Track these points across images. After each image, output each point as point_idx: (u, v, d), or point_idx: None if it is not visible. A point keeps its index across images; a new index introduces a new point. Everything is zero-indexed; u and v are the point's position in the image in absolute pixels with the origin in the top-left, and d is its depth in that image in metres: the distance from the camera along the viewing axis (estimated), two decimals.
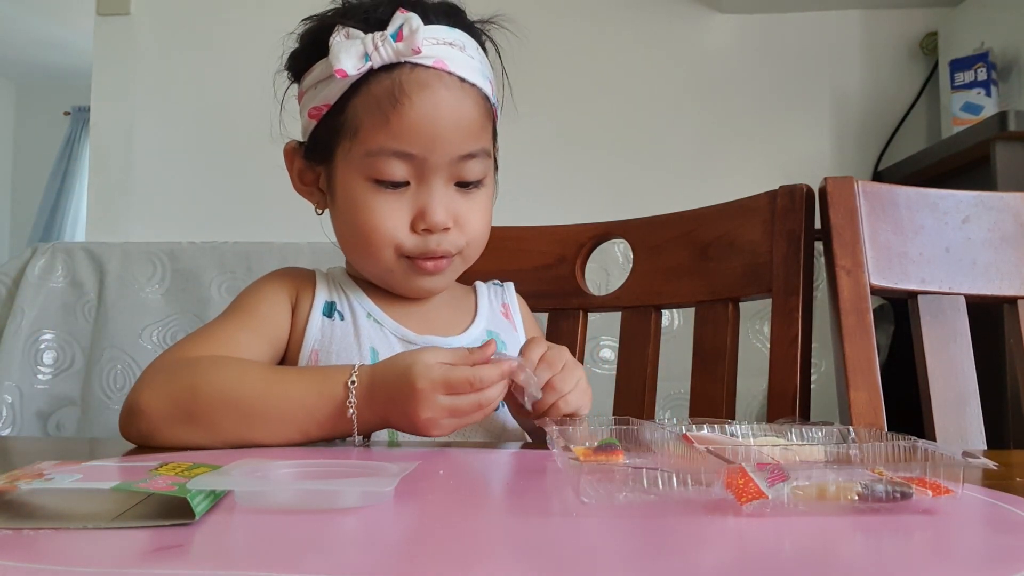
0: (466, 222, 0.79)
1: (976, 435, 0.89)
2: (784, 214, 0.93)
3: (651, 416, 1.03)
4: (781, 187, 0.95)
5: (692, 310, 1.00)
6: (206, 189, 2.25)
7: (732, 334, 0.95)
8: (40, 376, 1.80)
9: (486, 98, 0.79)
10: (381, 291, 0.85)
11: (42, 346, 1.81)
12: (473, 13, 0.82)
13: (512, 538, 0.39)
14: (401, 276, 0.80)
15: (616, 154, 2.17)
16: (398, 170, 0.75)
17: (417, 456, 0.60)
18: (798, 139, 2.16)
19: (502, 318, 0.91)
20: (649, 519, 0.41)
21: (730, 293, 0.96)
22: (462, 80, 0.76)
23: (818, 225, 0.94)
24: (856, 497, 0.43)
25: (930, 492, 0.43)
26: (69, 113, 5.26)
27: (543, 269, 0.90)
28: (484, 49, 0.81)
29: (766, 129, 2.16)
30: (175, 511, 0.40)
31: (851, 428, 0.55)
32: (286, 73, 0.84)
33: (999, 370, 1.04)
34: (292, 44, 0.82)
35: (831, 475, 0.44)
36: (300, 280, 0.86)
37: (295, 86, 0.85)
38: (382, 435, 0.77)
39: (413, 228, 0.77)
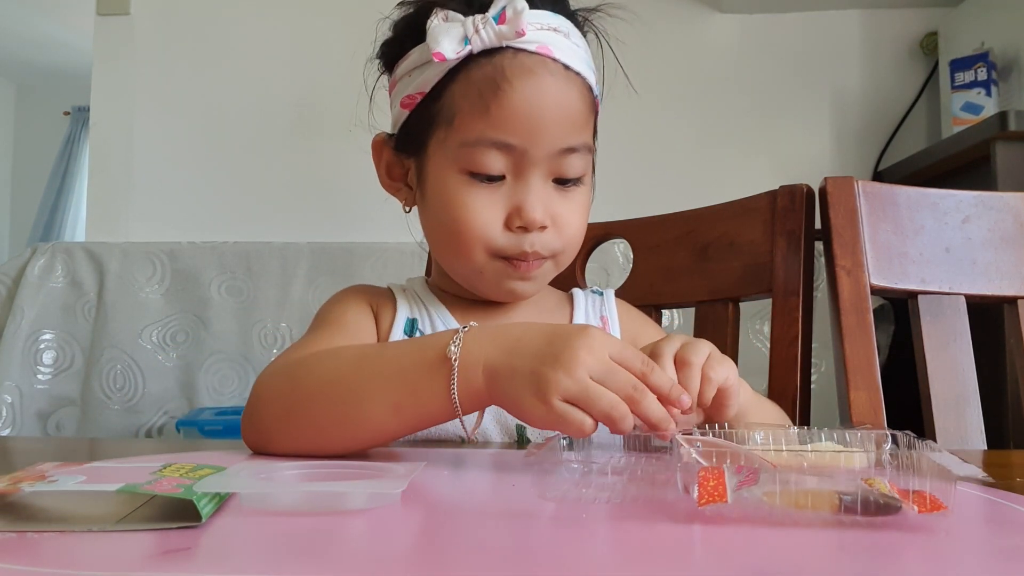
0: (564, 223, 0.73)
1: (976, 435, 0.89)
2: (784, 214, 0.93)
3: None
4: (781, 187, 0.95)
5: (692, 310, 1.00)
6: (206, 189, 2.25)
7: (732, 334, 0.95)
8: (40, 376, 1.80)
9: (590, 90, 0.74)
10: (464, 304, 0.80)
11: (42, 346, 1.81)
12: (575, 2, 0.78)
13: (519, 541, 0.39)
14: (491, 278, 0.74)
15: (616, 154, 2.17)
16: (495, 162, 0.70)
17: (424, 457, 0.60)
18: (798, 139, 2.16)
19: None
20: (610, 523, 0.41)
21: (730, 293, 0.96)
22: (567, 68, 0.71)
23: (818, 225, 0.94)
24: (830, 508, 0.39)
25: (916, 507, 0.39)
26: (69, 113, 5.25)
27: None
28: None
29: (766, 129, 2.16)
30: (180, 513, 0.40)
31: (892, 434, 0.50)
32: (377, 63, 0.78)
33: (999, 370, 1.04)
34: (385, 32, 0.77)
35: (814, 482, 0.41)
36: (377, 296, 0.81)
37: (379, 78, 0.80)
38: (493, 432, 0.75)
39: (507, 226, 0.71)
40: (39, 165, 5.24)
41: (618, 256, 1.76)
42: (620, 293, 1.04)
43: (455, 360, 0.56)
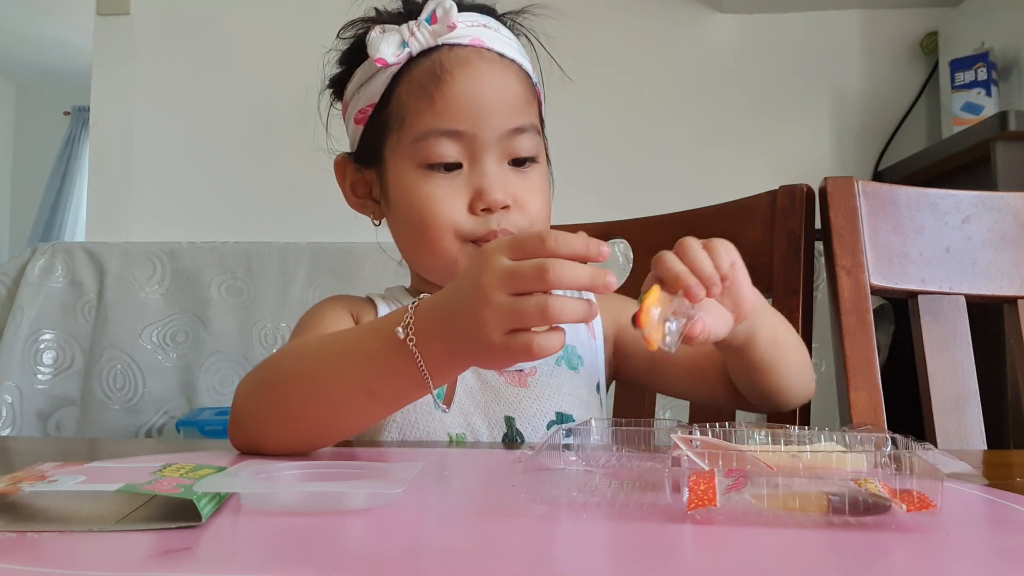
0: (525, 201, 0.75)
1: (976, 435, 0.89)
2: (784, 214, 0.93)
3: (651, 415, 1.03)
4: (781, 187, 0.95)
5: None
6: (206, 189, 2.25)
7: None
8: (40, 376, 1.80)
9: (528, 76, 0.78)
10: None
11: (42, 346, 1.81)
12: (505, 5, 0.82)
13: (517, 542, 0.39)
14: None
15: (616, 154, 2.17)
16: (449, 150, 0.73)
17: (422, 457, 0.60)
18: (798, 139, 2.16)
19: (582, 324, 0.84)
20: (601, 525, 0.41)
21: None
22: (501, 55, 0.75)
23: (818, 225, 0.94)
24: (819, 509, 0.39)
25: (904, 506, 0.39)
26: (69, 113, 5.25)
27: None
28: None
29: (766, 129, 2.16)
30: (180, 513, 0.40)
31: (892, 437, 0.49)
32: (328, 93, 0.84)
33: (999, 370, 1.04)
34: (332, 63, 0.82)
35: (803, 484, 0.41)
36: (357, 302, 0.82)
37: (327, 105, 0.85)
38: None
39: (471, 210, 0.74)
40: (39, 165, 5.23)
41: (618, 256, 1.76)
42: (620, 293, 1.04)
43: (413, 345, 0.57)
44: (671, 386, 0.85)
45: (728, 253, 0.61)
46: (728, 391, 0.78)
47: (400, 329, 0.57)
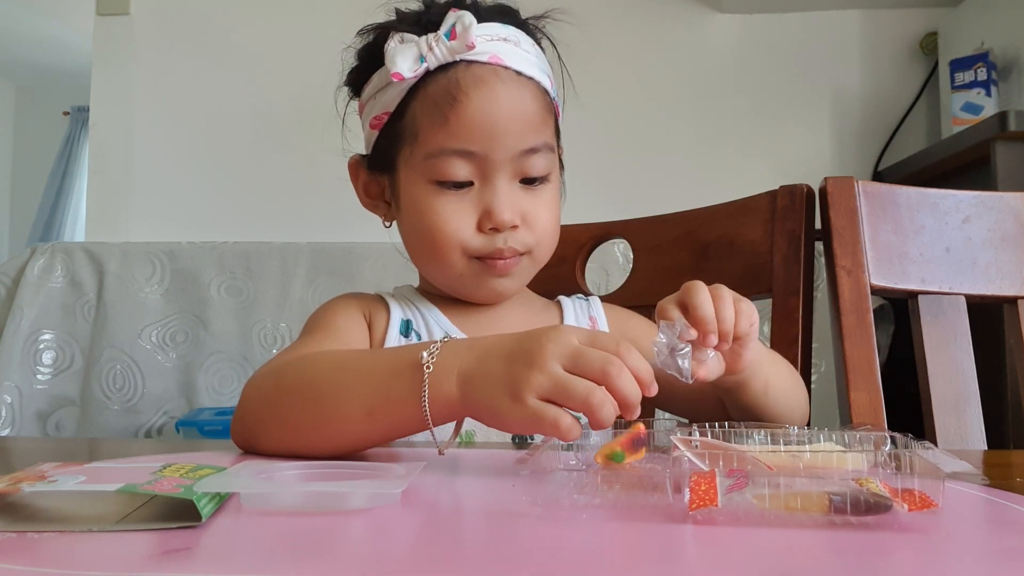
0: (534, 220, 0.76)
1: (976, 435, 0.89)
2: (784, 214, 0.93)
3: (650, 416, 1.03)
4: (781, 187, 0.95)
5: None
6: (206, 189, 2.25)
7: None
8: (39, 376, 1.80)
9: (546, 92, 0.78)
10: (455, 306, 0.82)
11: (41, 346, 1.81)
12: (525, 12, 0.81)
13: (517, 542, 0.39)
14: (471, 280, 0.77)
15: (616, 154, 2.17)
16: (460, 170, 0.74)
17: (423, 457, 0.60)
18: (798, 139, 2.16)
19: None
20: (603, 525, 0.41)
21: None
22: (519, 74, 0.74)
23: (818, 225, 0.94)
24: (820, 509, 0.39)
25: (906, 506, 0.39)
26: (69, 113, 5.25)
27: (543, 269, 0.90)
28: (541, 47, 0.80)
29: (766, 129, 2.16)
30: (180, 513, 0.40)
31: (892, 436, 0.49)
32: (347, 90, 0.84)
33: (999, 370, 1.04)
34: (351, 59, 0.81)
35: (805, 484, 0.41)
36: (369, 301, 0.82)
37: (345, 103, 0.84)
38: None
39: (480, 228, 0.75)
40: (39, 165, 5.23)
41: (618, 256, 1.76)
42: (620, 293, 1.04)
43: (427, 367, 0.56)
44: (669, 404, 0.86)
45: (750, 317, 0.63)
46: (725, 415, 0.78)
47: (425, 354, 0.57)
